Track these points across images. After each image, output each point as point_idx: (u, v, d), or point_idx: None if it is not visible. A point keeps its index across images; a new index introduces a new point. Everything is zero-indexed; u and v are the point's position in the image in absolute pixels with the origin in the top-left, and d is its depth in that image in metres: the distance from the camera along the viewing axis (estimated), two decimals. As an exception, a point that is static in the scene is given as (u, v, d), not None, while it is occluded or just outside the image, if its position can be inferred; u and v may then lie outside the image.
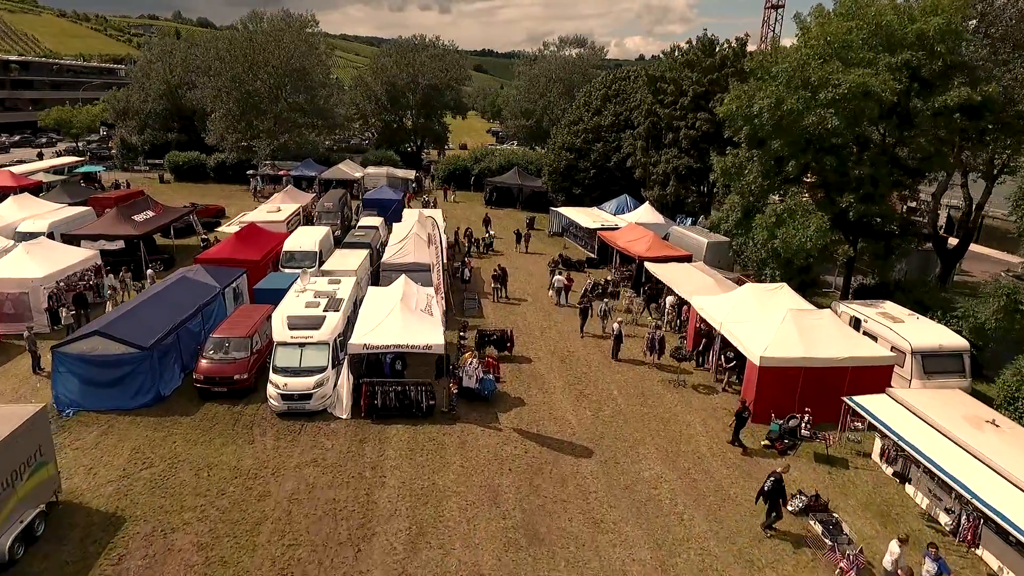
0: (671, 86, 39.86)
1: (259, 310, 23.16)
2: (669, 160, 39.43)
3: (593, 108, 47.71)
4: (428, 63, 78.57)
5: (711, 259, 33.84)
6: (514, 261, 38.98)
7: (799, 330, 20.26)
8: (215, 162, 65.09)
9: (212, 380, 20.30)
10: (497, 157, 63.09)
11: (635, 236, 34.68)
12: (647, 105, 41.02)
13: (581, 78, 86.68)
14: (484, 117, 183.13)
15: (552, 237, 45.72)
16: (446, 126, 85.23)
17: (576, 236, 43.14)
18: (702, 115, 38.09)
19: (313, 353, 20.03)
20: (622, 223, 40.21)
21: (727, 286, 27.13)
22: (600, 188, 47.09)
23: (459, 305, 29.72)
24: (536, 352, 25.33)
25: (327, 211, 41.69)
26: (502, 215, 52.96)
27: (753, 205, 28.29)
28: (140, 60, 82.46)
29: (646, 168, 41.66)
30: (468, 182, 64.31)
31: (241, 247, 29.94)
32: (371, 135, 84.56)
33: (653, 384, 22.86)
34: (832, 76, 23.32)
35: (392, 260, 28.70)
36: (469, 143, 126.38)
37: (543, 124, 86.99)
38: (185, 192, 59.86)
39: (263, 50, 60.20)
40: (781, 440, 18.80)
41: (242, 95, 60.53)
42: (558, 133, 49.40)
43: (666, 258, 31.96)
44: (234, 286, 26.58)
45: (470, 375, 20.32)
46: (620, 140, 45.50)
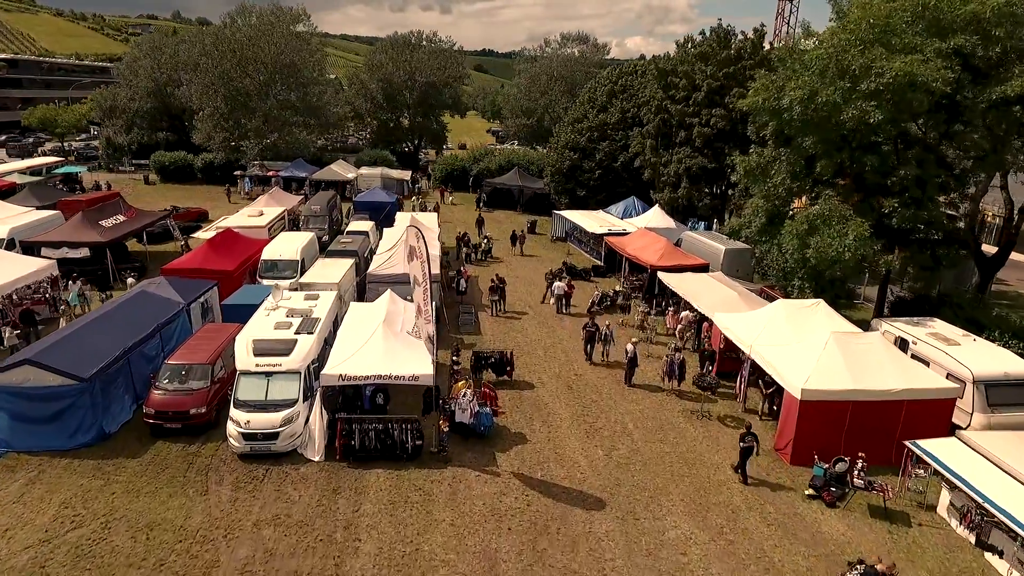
0: (683, 80, 37.07)
1: (225, 330, 20.37)
2: (681, 160, 36.63)
3: (598, 105, 44.91)
4: (425, 60, 75.83)
5: (729, 268, 31.03)
6: (513, 269, 36.21)
7: (845, 357, 17.46)
8: (202, 162, 62.32)
9: (165, 415, 17.54)
10: (497, 157, 60.29)
11: (646, 243, 31.88)
12: (657, 101, 38.23)
13: (583, 76, 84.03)
14: (484, 117, 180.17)
15: (555, 242, 42.94)
16: (444, 125, 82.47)
17: (581, 242, 40.36)
18: (717, 111, 35.30)
19: (281, 384, 17.26)
20: (630, 228, 37.42)
21: (753, 301, 24.32)
22: (606, 190, 44.29)
23: (454, 320, 26.96)
24: (539, 375, 22.55)
25: (314, 215, 38.90)
26: (502, 218, 50.22)
27: (779, 210, 25.50)
28: (127, 57, 79.77)
29: (656, 169, 38.87)
30: (467, 183, 61.49)
31: (214, 256, 27.18)
32: (367, 134, 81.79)
33: (673, 415, 20.06)
34: (875, 64, 20.52)
35: (379, 271, 25.93)
36: (468, 143, 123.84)
37: (544, 123, 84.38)
38: (170, 194, 57.11)
39: (252, 45, 57.45)
40: (827, 487, 16.00)
41: (230, 92, 57.79)
42: (561, 131, 46.62)
43: (681, 267, 29.17)
44: (202, 301, 23.81)
45: (464, 408, 17.55)
46: (627, 139, 42.70)
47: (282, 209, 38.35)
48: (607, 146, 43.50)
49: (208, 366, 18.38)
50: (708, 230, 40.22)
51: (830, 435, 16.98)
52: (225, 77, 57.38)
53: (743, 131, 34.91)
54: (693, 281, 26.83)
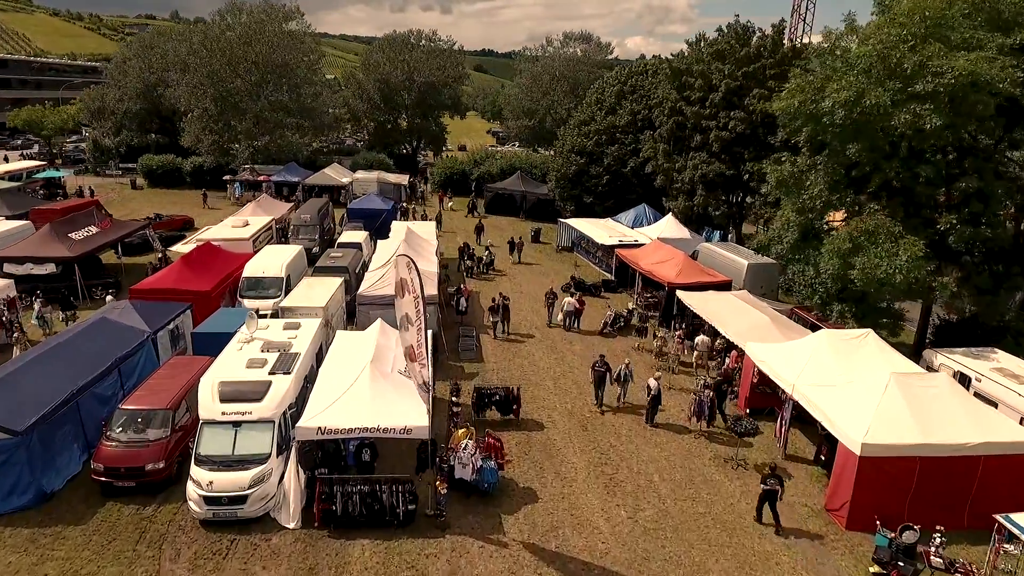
0: (699, 81, 34.57)
1: (193, 366, 17.85)
2: (697, 166, 34.14)
3: (607, 106, 42.41)
4: (424, 60, 73.38)
5: (753, 285, 28.57)
6: (517, 282, 33.69)
7: (909, 403, 14.97)
8: (192, 166, 59.83)
9: (116, 471, 15.04)
10: (498, 160, 57.78)
11: (662, 257, 29.38)
12: (670, 103, 35.73)
13: (587, 76, 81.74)
14: (484, 117, 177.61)
15: (560, 252, 40.43)
16: (444, 127, 79.97)
17: (589, 252, 37.86)
18: (736, 114, 32.80)
19: (251, 436, 14.75)
20: (642, 238, 34.94)
21: (786, 327, 21.83)
22: (614, 196, 41.80)
23: (454, 344, 24.46)
24: (549, 412, 20.05)
25: (304, 225, 36.38)
26: (504, 224, 47.71)
27: (813, 225, 23.01)
28: (116, 57, 77.30)
29: (669, 175, 36.38)
30: (468, 187, 58.94)
31: (189, 274, 24.66)
32: (364, 136, 79.29)
33: (704, 463, 17.56)
34: (931, 62, 18.03)
35: (370, 292, 23.41)
36: (468, 144, 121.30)
37: (546, 124, 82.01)
38: (157, 199, 54.74)
39: (242, 44, 54.95)
40: (895, 562, 13.50)
41: (219, 93, 55.31)
42: (567, 134, 44.11)
43: (701, 285, 26.69)
44: (172, 327, 21.30)
45: (465, 463, 15.05)
46: (638, 142, 40.21)
47: (269, 219, 35.84)
48: (616, 150, 41.01)
49: (169, 412, 15.86)
50: (724, 240, 37.82)
51: (894, 497, 14.50)
52: (214, 77, 54.91)
53: (764, 135, 32.49)
54: (716, 301, 24.35)
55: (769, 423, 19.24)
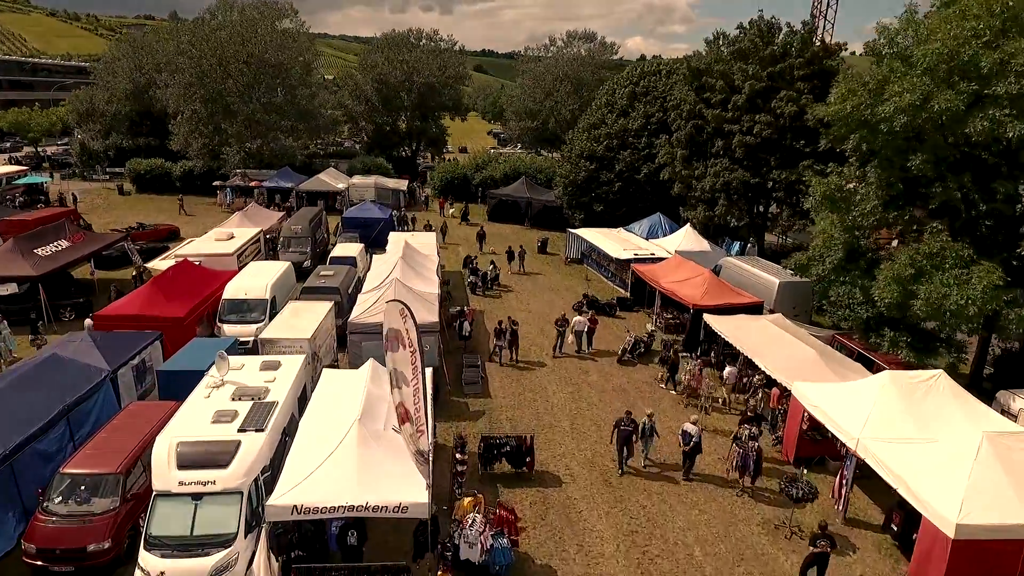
0: (720, 81, 32.01)
1: (154, 414, 15.31)
2: (718, 173, 31.58)
3: (618, 109, 39.84)
4: (424, 60, 70.89)
5: (784, 306, 26.02)
6: (524, 300, 31.12)
7: (1008, 470, 12.42)
8: (182, 170, 57.27)
9: (51, 553, 12.49)
10: (501, 164, 55.24)
11: (684, 274, 26.80)
12: (688, 105, 33.17)
13: (591, 76, 79.37)
14: (485, 118, 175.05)
15: (569, 265, 37.85)
16: (444, 128, 77.47)
17: (601, 266, 35.30)
18: (761, 117, 30.24)
19: (215, 512, 12.20)
20: (659, 251, 32.40)
21: (835, 360, 19.23)
22: (627, 204, 39.26)
23: (456, 376, 21.91)
24: (567, 463, 17.48)
25: (294, 237, 33.81)
26: (508, 232, 45.15)
27: (859, 243, 20.47)
28: (105, 56, 74.77)
29: (687, 182, 33.81)
30: (470, 192, 56.41)
31: (160, 297, 22.08)
32: (363, 138, 76.76)
33: (751, 531, 14.98)
34: (1016, 60, 15.48)
35: (362, 319, 20.85)
36: (469, 146, 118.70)
37: (549, 125, 79.64)
38: (144, 206, 52.25)
39: (232, 43, 52.40)
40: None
41: (209, 94, 52.75)
42: (575, 138, 41.54)
43: (731, 307, 24.13)
44: (137, 362, 18.74)
45: (472, 542, 12.49)
46: (652, 147, 37.68)
47: (257, 230, 33.24)
48: (628, 156, 38.46)
49: (119, 476, 13.32)
50: (743, 252, 35.28)
51: (995, 587, 11.94)
52: (204, 78, 52.35)
53: (791, 141, 29.98)
54: (750, 328, 21.78)
55: (823, 474, 16.70)
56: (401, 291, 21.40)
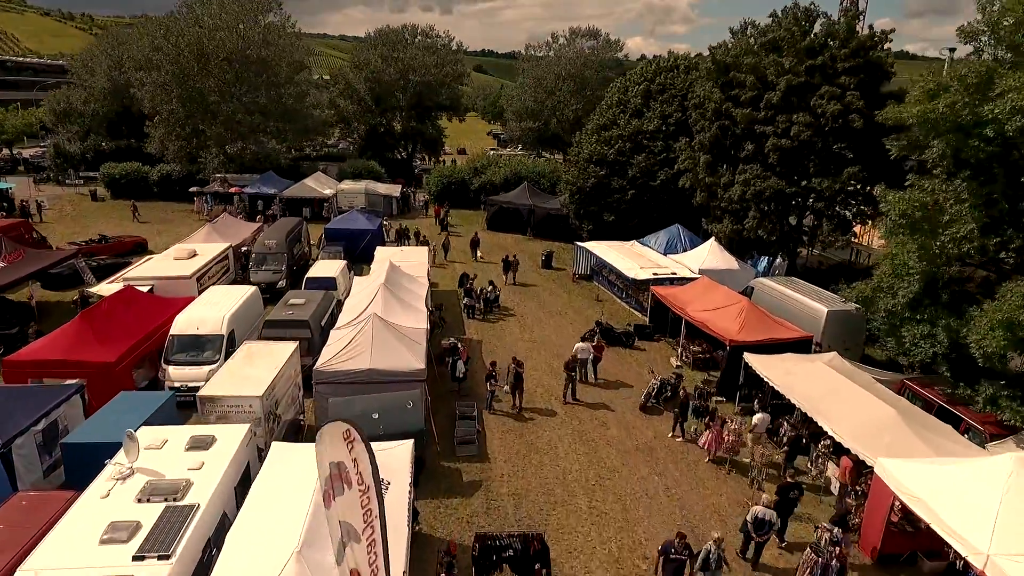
0: (749, 77, 28.17)
1: (41, 514, 11.46)
2: (749, 181, 27.74)
3: (631, 108, 35.97)
4: (420, 57, 67.04)
5: (833, 338, 22.26)
6: (527, 325, 27.28)
7: None
8: (159, 175, 53.43)
9: None
10: (502, 168, 51.32)
11: (716, 302, 22.93)
12: (714, 103, 29.32)
13: (594, 75, 75.66)
14: (484, 118, 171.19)
15: (577, 282, 33.98)
16: (441, 129, 73.62)
17: (613, 284, 31.48)
18: (799, 117, 26.42)
19: None
20: (679, 268, 28.60)
21: (926, 426, 15.32)
22: (640, 215, 35.42)
23: (447, 432, 18.05)
24: (585, 561, 13.62)
25: (268, 253, 29.94)
26: (510, 243, 41.30)
27: (943, 274, 16.66)
28: (83, 53, 71.03)
29: (711, 191, 29.97)
30: (467, 198, 52.56)
31: (88, 336, 18.22)
32: (356, 139, 72.92)
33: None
34: None
35: (330, 366, 17.01)
36: (469, 146, 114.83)
37: (551, 126, 76.00)
38: (118, 213, 48.48)
39: (212, 38, 48.54)
40: None
41: (187, 93, 48.91)
42: (583, 140, 37.66)
43: (775, 344, 20.29)
44: (44, 426, 14.87)
45: None
46: (670, 151, 33.85)
47: (226, 246, 29.37)
48: (643, 160, 34.59)
49: (-36, 625, 9.48)
50: (770, 271, 31.47)
51: None
52: (181, 75, 48.49)
53: (832, 144, 26.16)
54: (804, 372, 17.95)
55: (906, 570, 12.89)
56: (380, 331, 17.57)
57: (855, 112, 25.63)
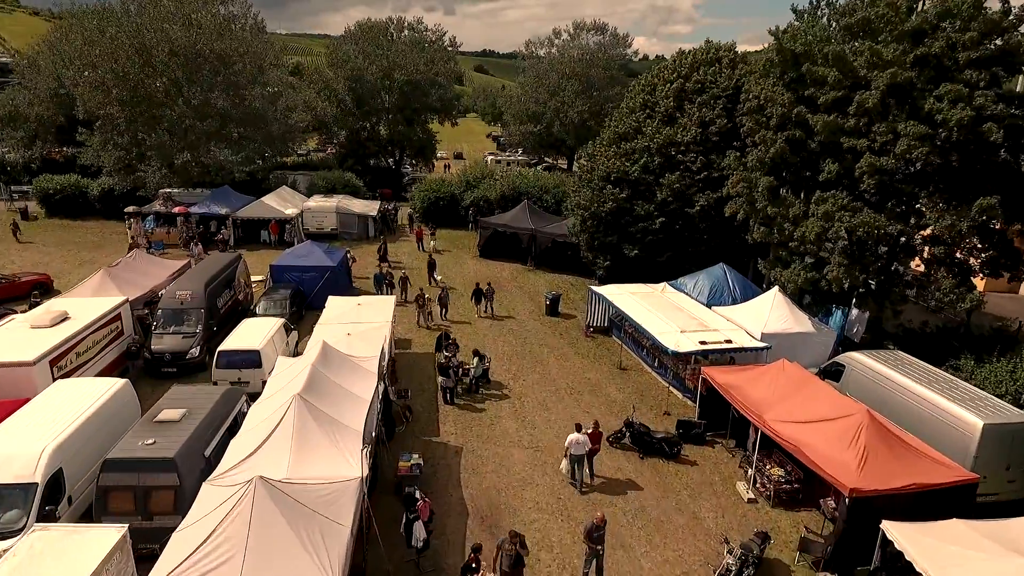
0: (831, 71, 20.45)
1: None
2: (832, 214, 20.01)
3: (660, 113, 28.19)
4: (406, 54, 59.48)
5: (990, 463, 14.59)
6: (529, 417, 19.51)
7: None
8: (100, 189, 45.90)
9: None
10: (499, 183, 43.58)
11: (815, 409, 15.14)
12: (781, 107, 21.59)
13: (602, 73, 68.31)
14: (484, 120, 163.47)
15: (592, 336, 26.29)
16: (432, 134, 66.01)
17: (640, 345, 23.81)
18: (908, 127, 18.70)
19: None
20: (738, 333, 20.95)
21: None
22: (672, 248, 27.75)
23: None
24: None
25: (177, 310, 22.24)
26: (506, 277, 33.66)
27: None
28: (29, 48, 63.53)
29: (774, 224, 22.26)
30: (457, 216, 44.98)
31: None
32: (335, 147, 65.33)
33: None
34: None
35: None
36: (467, 149, 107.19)
37: (554, 130, 68.69)
38: (49, 237, 41.14)
39: (155, 28, 40.96)
40: None
41: (126, 95, 41.29)
42: (598, 154, 29.86)
43: (922, 492, 12.61)
44: None
45: None
46: (712, 168, 26.19)
47: (119, 301, 21.63)
48: (676, 180, 26.85)
49: None
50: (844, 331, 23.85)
51: None
52: (120, 74, 40.88)
53: (960, 164, 18.48)
54: (989, 560, 10.28)
55: None
56: (268, 525, 9.89)
57: (990, 119, 17.99)
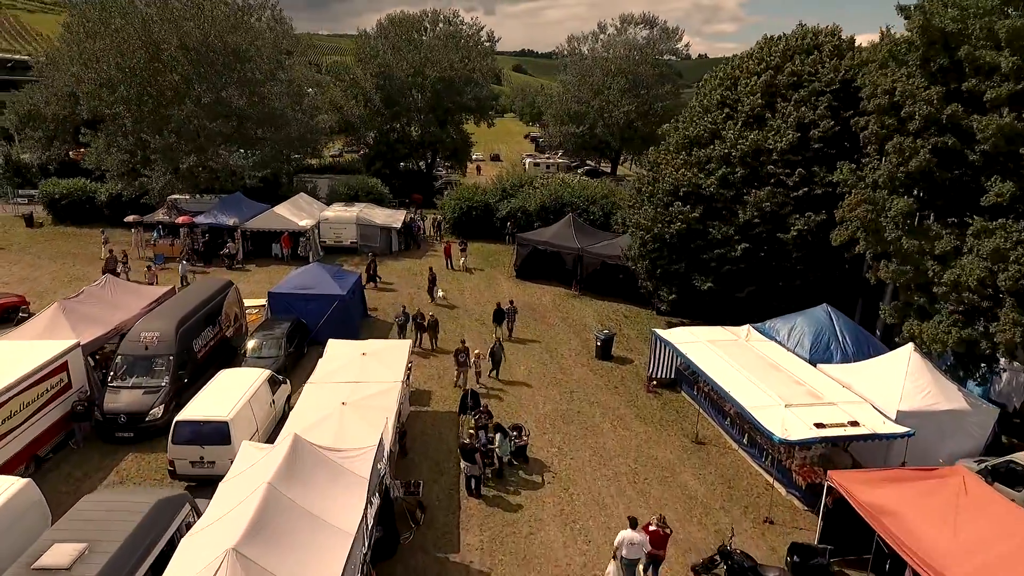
0: (1003, 55, 14.85)
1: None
2: (1004, 252, 14.44)
3: (745, 112, 22.73)
4: (440, 48, 54.91)
5: None
6: (579, 514, 14.35)
7: None
8: (108, 195, 42.51)
9: None
10: (538, 192, 38.50)
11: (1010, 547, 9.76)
12: (927, 106, 16.04)
13: (650, 70, 62.91)
14: (523, 120, 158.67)
15: (655, 392, 21.02)
16: (467, 136, 61.35)
17: (723, 412, 18.46)
18: None
19: None
20: (865, 411, 15.51)
21: None
22: (758, 280, 22.28)
23: None
24: None
25: (137, 358, 17.81)
26: (546, 304, 28.69)
27: None
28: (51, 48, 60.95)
29: (913, 261, 16.68)
30: (492, 228, 40.16)
31: None
32: (363, 149, 61.20)
33: None
34: None
35: None
36: (504, 151, 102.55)
37: (597, 130, 63.57)
38: (49, 246, 37.93)
39: (161, 20, 37.23)
40: None
41: (133, 93, 37.62)
42: (662, 161, 24.50)
43: None
44: None
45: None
46: (815, 183, 20.68)
47: (68, 345, 17.27)
48: (766, 196, 21.37)
49: None
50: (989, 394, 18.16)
51: None
52: (125, 70, 37.24)
53: None
54: None
55: None
56: None
57: None
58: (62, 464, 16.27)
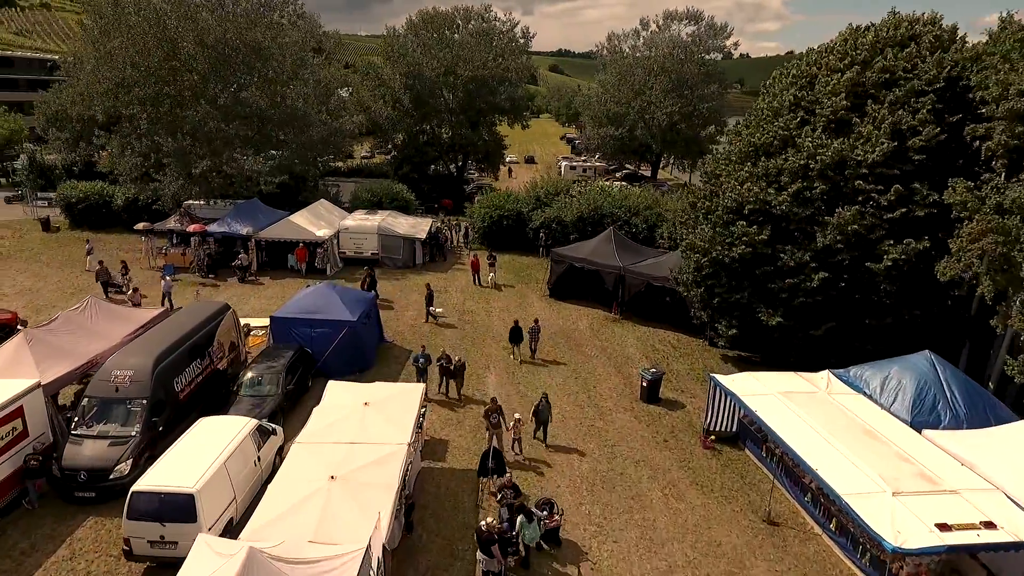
0: None
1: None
2: None
3: (825, 116, 19.13)
4: (472, 46, 52.09)
5: None
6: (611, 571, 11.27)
7: None
8: (125, 198, 40.80)
9: None
10: (575, 202, 35.25)
11: None
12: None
13: (696, 69, 58.99)
14: (559, 121, 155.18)
15: (712, 447, 17.66)
16: (500, 138, 58.42)
17: (800, 485, 15.04)
18: None
19: None
20: (1003, 508, 11.97)
21: None
22: (839, 316, 18.67)
23: None
24: None
25: (108, 398, 15.19)
26: (583, 328, 25.47)
27: None
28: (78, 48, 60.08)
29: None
30: (525, 239, 37.13)
31: None
32: (391, 150, 58.80)
33: None
34: None
35: None
36: (539, 153, 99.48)
37: (637, 133, 59.92)
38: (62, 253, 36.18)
39: (179, 18, 35.18)
40: None
41: (149, 93, 35.69)
42: (721, 171, 21.08)
43: None
44: None
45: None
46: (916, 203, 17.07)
47: (26, 387, 14.79)
48: (852, 218, 17.77)
49: None
50: None
51: None
52: (142, 69, 35.33)
53: None
54: None
55: None
56: None
57: None
58: (9, 530, 13.77)
